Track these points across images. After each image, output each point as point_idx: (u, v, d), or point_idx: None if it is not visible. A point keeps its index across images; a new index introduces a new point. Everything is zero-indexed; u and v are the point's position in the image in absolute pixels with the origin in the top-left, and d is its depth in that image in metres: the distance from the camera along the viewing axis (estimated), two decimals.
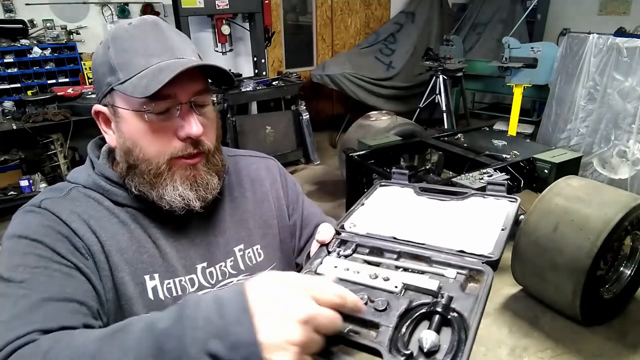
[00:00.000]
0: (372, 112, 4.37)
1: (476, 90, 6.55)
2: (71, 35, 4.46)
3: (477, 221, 0.68)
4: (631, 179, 3.81)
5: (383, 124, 4.03)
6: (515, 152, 3.11)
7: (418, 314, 0.51)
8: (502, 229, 0.65)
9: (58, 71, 4.37)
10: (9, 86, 4.17)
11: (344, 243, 0.68)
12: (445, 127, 4.76)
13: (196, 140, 0.75)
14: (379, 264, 0.62)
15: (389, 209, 0.76)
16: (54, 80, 4.37)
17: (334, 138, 5.98)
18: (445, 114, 4.93)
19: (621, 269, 2.66)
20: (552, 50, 4.42)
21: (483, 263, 0.58)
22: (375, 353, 0.48)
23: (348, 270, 0.60)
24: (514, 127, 4.45)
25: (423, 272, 0.59)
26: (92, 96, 4.09)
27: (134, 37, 0.74)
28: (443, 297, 0.52)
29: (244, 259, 0.87)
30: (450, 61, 5.09)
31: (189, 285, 0.79)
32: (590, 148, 4.10)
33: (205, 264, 0.82)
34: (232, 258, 0.86)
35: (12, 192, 3.97)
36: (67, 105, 4.02)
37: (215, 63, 0.75)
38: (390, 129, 3.89)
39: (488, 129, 3.94)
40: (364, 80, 5.70)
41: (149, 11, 4.87)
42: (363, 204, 0.78)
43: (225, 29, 4.74)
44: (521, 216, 2.67)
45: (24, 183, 3.96)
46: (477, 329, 0.48)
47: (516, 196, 0.72)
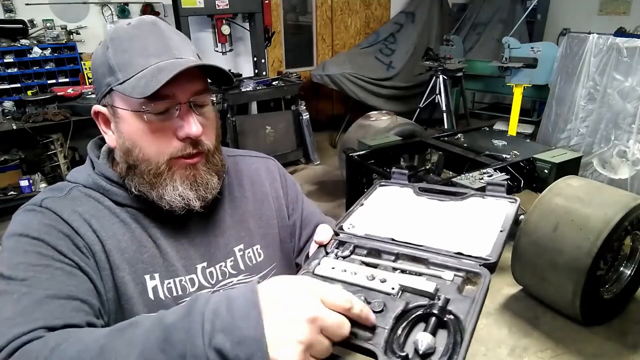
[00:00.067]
0: (372, 112, 4.36)
1: (476, 90, 6.55)
2: (71, 35, 4.46)
3: (476, 222, 0.68)
4: (631, 179, 3.81)
5: (383, 124, 4.03)
6: (515, 152, 3.11)
7: (414, 315, 0.51)
8: (501, 231, 0.65)
9: (58, 71, 4.37)
10: (9, 86, 4.17)
11: (342, 244, 0.68)
12: (445, 127, 4.76)
13: (195, 140, 0.75)
14: (376, 266, 0.62)
15: (388, 209, 0.76)
16: (54, 80, 4.36)
17: (334, 138, 5.98)
18: (445, 114, 4.93)
19: (621, 269, 2.66)
20: (552, 50, 4.41)
21: (480, 265, 0.58)
22: (371, 355, 0.48)
23: (345, 271, 0.60)
24: (514, 127, 4.45)
25: (420, 274, 0.59)
26: (92, 96, 4.09)
27: (133, 38, 0.74)
28: (440, 299, 0.52)
29: (244, 259, 0.87)
30: (450, 61, 5.09)
31: (189, 285, 0.79)
32: (590, 148, 4.09)
33: (205, 263, 0.82)
34: (232, 258, 0.86)
35: (12, 192, 3.97)
36: (67, 105, 4.02)
37: (214, 63, 0.75)
38: (390, 129, 3.89)
39: (488, 129, 3.93)
40: (364, 80, 5.70)
41: (149, 11, 4.87)
42: (362, 204, 0.78)
43: (225, 29, 4.74)
44: (521, 216, 2.67)
45: (24, 183, 3.96)
46: (473, 332, 0.48)
47: (516, 197, 0.72)
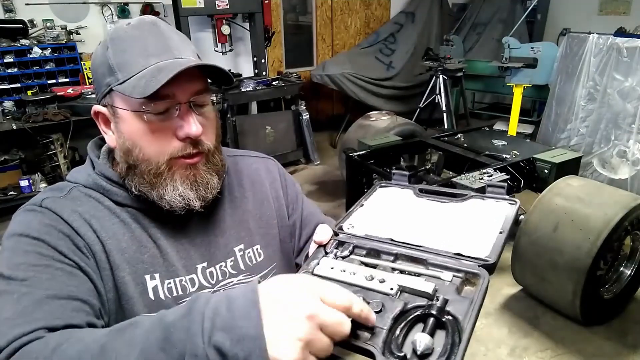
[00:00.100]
0: (372, 112, 4.36)
1: (476, 90, 6.55)
2: (71, 35, 4.46)
3: (476, 224, 0.68)
4: (631, 179, 3.81)
5: (383, 124, 4.03)
6: (515, 152, 3.11)
7: (412, 316, 0.51)
8: (500, 232, 0.65)
9: (58, 71, 4.37)
10: (9, 86, 4.17)
11: (341, 244, 0.68)
12: (445, 127, 4.76)
13: (195, 140, 0.75)
14: (375, 266, 0.62)
15: (388, 210, 0.76)
16: (54, 80, 4.36)
17: (334, 138, 5.98)
18: (445, 114, 4.93)
19: (621, 269, 2.66)
20: (552, 50, 4.41)
21: (479, 266, 0.58)
22: (369, 355, 0.48)
23: (344, 271, 0.60)
24: (514, 127, 4.45)
25: (419, 275, 0.59)
26: (92, 96, 4.09)
27: (132, 38, 0.74)
28: (438, 300, 0.52)
29: (244, 259, 0.87)
30: (450, 61, 5.09)
31: (189, 285, 0.79)
32: (590, 148, 4.09)
33: (205, 263, 0.82)
34: (232, 258, 0.86)
35: (12, 192, 3.97)
36: (67, 105, 4.02)
37: (214, 63, 0.75)
38: (390, 129, 3.89)
39: (488, 129, 3.93)
40: (364, 80, 5.69)
41: (148, 11, 4.87)
42: (362, 205, 0.78)
43: (225, 29, 4.74)
44: (521, 216, 2.67)
45: (24, 183, 3.96)
46: (472, 332, 0.48)
47: (516, 199, 0.72)
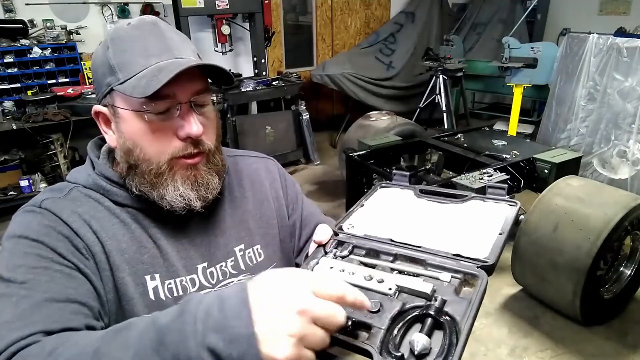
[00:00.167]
0: (372, 112, 4.36)
1: (476, 90, 6.55)
2: (71, 35, 4.46)
3: (476, 225, 0.68)
4: (631, 179, 3.81)
5: (383, 124, 4.03)
6: (515, 152, 3.11)
7: (410, 316, 0.51)
8: (500, 234, 0.65)
9: (58, 71, 4.37)
10: (9, 86, 4.17)
11: (341, 244, 0.68)
12: (445, 127, 4.76)
13: (196, 140, 0.75)
14: (374, 266, 0.62)
15: (388, 210, 0.76)
16: (54, 80, 4.36)
17: (334, 138, 5.98)
18: (445, 114, 4.93)
19: (621, 269, 2.66)
20: (552, 50, 4.41)
21: (478, 267, 0.58)
22: (366, 354, 0.48)
23: (343, 271, 0.60)
24: (514, 127, 4.45)
25: (418, 275, 0.59)
26: (92, 96, 4.09)
27: (133, 37, 0.74)
28: (436, 301, 0.52)
29: (245, 259, 0.87)
30: (450, 61, 5.09)
31: (189, 285, 0.79)
32: (590, 148, 4.09)
33: (205, 264, 0.82)
34: (233, 258, 0.86)
35: (12, 192, 3.97)
36: (67, 105, 4.02)
37: (214, 63, 0.75)
38: (390, 129, 3.89)
39: (488, 129, 3.93)
40: (364, 80, 5.70)
41: (149, 11, 4.87)
42: (362, 205, 0.78)
43: (225, 29, 4.74)
44: (521, 216, 2.67)
45: (24, 183, 3.96)
46: (469, 333, 0.48)
47: (516, 200, 0.72)
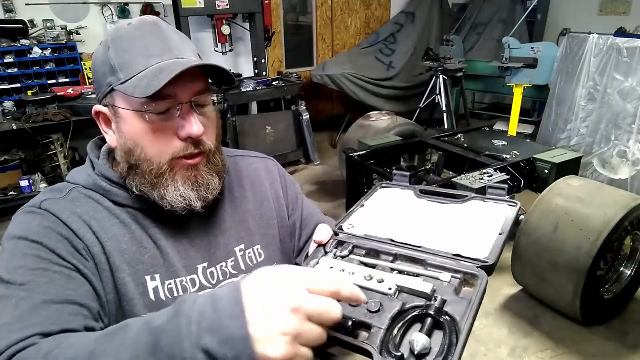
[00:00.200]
0: (372, 112, 4.37)
1: (476, 90, 6.55)
2: (71, 35, 4.46)
3: (476, 225, 0.68)
4: (631, 179, 3.81)
5: (383, 124, 4.03)
6: (515, 152, 3.11)
7: (410, 316, 0.51)
8: (500, 234, 0.65)
9: (58, 71, 4.37)
10: (9, 86, 4.17)
11: (341, 244, 0.68)
12: (445, 127, 4.76)
13: (197, 140, 0.75)
14: (374, 266, 0.62)
15: (388, 210, 0.76)
16: (54, 80, 4.36)
17: (334, 138, 5.98)
18: (445, 114, 4.93)
19: (621, 269, 2.66)
20: (552, 50, 4.41)
21: (478, 267, 0.58)
22: (366, 354, 0.48)
23: (343, 271, 0.60)
24: (514, 127, 4.45)
25: (418, 275, 0.59)
26: (92, 96, 4.09)
27: (134, 37, 0.74)
28: (436, 300, 0.52)
29: (245, 259, 0.87)
30: (450, 61, 5.09)
31: (190, 285, 0.79)
32: (590, 148, 4.09)
33: (205, 264, 0.82)
34: (233, 258, 0.86)
35: (12, 192, 3.97)
36: (67, 105, 4.02)
37: (215, 63, 0.75)
38: (390, 129, 3.89)
39: (488, 129, 3.93)
40: (364, 80, 5.70)
41: (149, 11, 4.87)
42: (362, 205, 0.78)
43: (225, 29, 4.74)
44: (521, 216, 2.67)
45: (24, 183, 3.96)
46: (469, 333, 0.48)
47: (516, 200, 0.72)
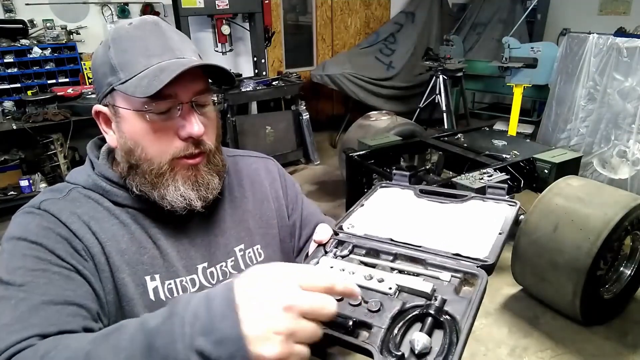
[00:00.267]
0: (372, 112, 4.37)
1: (476, 90, 6.55)
2: (71, 35, 4.46)
3: (476, 225, 0.68)
4: (631, 179, 3.81)
5: (383, 124, 4.03)
6: (515, 152, 3.11)
7: (411, 315, 0.51)
8: (500, 233, 0.65)
9: (58, 71, 4.37)
10: (9, 86, 4.17)
11: (341, 244, 0.68)
12: (445, 127, 4.76)
13: (197, 140, 0.75)
14: (374, 266, 0.62)
15: (388, 210, 0.76)
16: (54, 80, 4.36)
17: (334, 138, 5.98)
18: (445, 114, 4.93)
19: (621, 269, 2.66)
20: (552, 50, 4.41)
21: (478, 267, 0.58)
22: (367, 353, 0.48)
23: (343, 270, 0.60)
24: (514, 127, 4.45)
25: (418, 275, 0.59)
26: (92, 96, 4.09)
27: (134, 37, 0.74)
28: (436, 300, 0.52)
29: (245, 259, 0.87)
30: (450, 61, 5.09)
31: (190, 285, 0.79)
32: (590, 148, 4.09)
33: (205, 264, 0.82)
34: (233, 258, 0.86)
35: (12, 192, 3.97)
36: (67, 105, 4.02)
37: (215, 63, 0.75)
38: (390, 129, 3.89)
39: (488, 129, 3.93)
40: (364, 80, 5.70)
41: (149, 11, 4.87)
42: (362, 205, 0.78)
43: (225, 29, 4.74)
44: (521, 216, 2.67)
45: (24, 183, 3.96)
46: (469, 332, 0.48)
47: (516, 200, 0.72)
